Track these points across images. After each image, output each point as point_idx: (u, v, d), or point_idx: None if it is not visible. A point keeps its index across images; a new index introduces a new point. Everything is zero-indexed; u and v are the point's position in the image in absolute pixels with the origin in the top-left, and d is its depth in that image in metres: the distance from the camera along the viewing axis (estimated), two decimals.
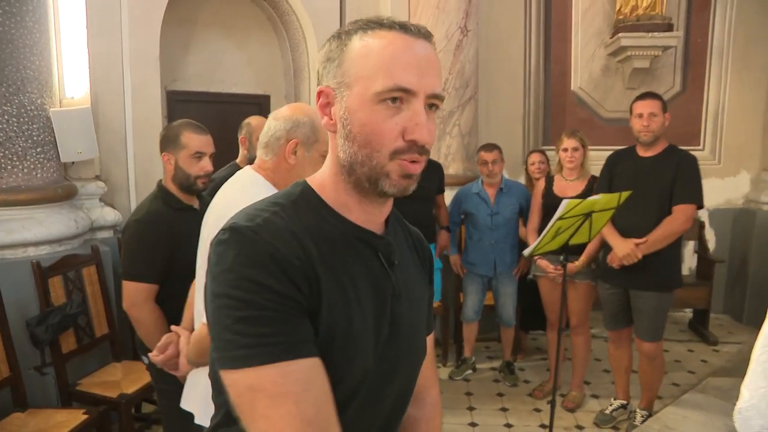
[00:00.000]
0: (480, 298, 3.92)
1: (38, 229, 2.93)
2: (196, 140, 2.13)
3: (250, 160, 2.60)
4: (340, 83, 0.84)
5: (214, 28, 4.51)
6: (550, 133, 5.08)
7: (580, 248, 3.25)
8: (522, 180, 4.42)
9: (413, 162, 0.82)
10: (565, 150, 3.40)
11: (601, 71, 5.04)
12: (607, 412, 3.26)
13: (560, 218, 2.43)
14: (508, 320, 3.88)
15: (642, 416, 3.15)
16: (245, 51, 4.65)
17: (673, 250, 3.01)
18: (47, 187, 3.02)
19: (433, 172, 3.74)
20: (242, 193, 1.46)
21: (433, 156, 4.19)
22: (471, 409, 3.51)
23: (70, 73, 3.31)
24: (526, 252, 2.69)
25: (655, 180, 2.97)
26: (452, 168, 4.55)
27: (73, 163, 3.28)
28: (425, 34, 0.85)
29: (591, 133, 4.93)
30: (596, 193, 3.13)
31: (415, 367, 0.97)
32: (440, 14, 4.41)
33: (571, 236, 2.62)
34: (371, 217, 0.90)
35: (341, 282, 0.82)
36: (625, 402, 3.26)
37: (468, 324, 3.98)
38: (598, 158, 4.34)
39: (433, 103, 0.84)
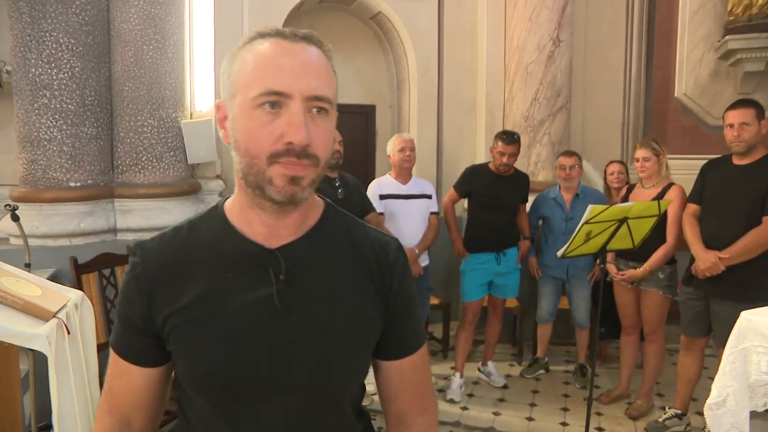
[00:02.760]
0: (554, 300, 4.04)
1: (168, 217, 3.65)
2: None
3: None
4: (229, 95, 0.86)
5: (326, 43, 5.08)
6: None
7: (648, 254, 3.28)
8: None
9: (293, 165, 0.82)
10: (637, 160, 3.43)
11: (709, 76, 4.83)
12: (660, 420, 3.25)
13: (587, 222, 2.57)
14: (581, 322, 3.96)
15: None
16: (353, 65, 5.18)
17: (763, 261, 2.86)
18: (176, 184, 3.75)
19: (521, 183, 3.88)
20: None
21: (522, 164, 4.38)
22: (533, 405, 3.67)
23: (200, 91, 4.04)
24: (559, 253, 2.84)
25: (746, 189, 2.90)
26: (541, 175, 4.68)
27: (198, 164, 4.00)
28: (306, 38, 0.86)
29: (696, 141, 4.80)
30: (690, 202, 3.16)
31: (312, 386, 0.91)
32: (532, 26, 4.57)
33: (609, 240, 2.72)
34: (272, 230, 0.90)
35: (204, 298, 0.89)
36: (680, 412, 3.22)
37: (542, 325, 4.12)
38: None
39: (318, 106, 0.84)
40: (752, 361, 1.75)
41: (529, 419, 3.49)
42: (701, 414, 3.25)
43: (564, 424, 3.43)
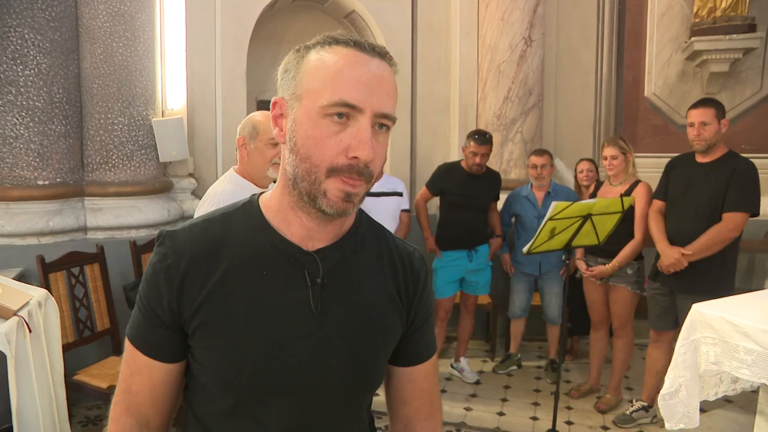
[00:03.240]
0: (526, 296, 4.10)
1: (139, 216, 3.63)
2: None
3: None
4: (293, 95, 0.85)
5: (300, 43, 5.07)
6: None
7: (617, 251, 3.34)
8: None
9: (352, 181, 0.82)
10: (605, 158, 3.49)
11: (677, 76, 4.92)
12: (627, 412, 3.32)
13: (551, 219, 2.61)
14: (553, 318, 4.02)
15: None
16: None
17: (723, 256, 2.97)
18: (148, 182, 3.73)
19: (492, 182, 3.93)
20: (213, 185, 2.02)
21: (494, 163, 4.44)
22: (504, 400, 3.72)
23: (172, 89, 4.02)
24: (524, 249, 2.89)
25: (707, 186, 2.98)
26: (513, 173, 4.73)
27: (170, 162, 3.98)
28: (381, 54, 0.85)
29: (666, 140, 4.89)
30: (655, 198, 3.23)
31: (338, 390, 0.91)
32: (504, 26, 4.61)
33: (573, 237, 2.77)
34: (311, 233, 0.89)
35: (237, 294, 0.86)
36: (647, 404, 3.29)
37: (515, 321, 4.18)
38: None
39: (382, 123, 0.83)
40: (702, 352, 1.79)
41: (500, 414, 3.53)
42: None
43: (534, 418, 3.48)
